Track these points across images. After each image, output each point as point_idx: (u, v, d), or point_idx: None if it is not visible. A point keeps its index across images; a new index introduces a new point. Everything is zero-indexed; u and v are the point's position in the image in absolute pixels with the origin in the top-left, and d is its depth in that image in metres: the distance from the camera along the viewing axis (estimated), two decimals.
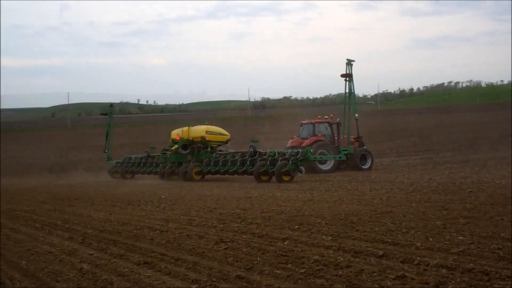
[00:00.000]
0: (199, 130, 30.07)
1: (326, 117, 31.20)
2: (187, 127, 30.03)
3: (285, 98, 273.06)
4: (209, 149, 29.52)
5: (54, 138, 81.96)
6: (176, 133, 30.38)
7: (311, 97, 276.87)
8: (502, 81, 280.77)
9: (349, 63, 27.78)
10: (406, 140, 53.07)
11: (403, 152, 40.60)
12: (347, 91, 28.41)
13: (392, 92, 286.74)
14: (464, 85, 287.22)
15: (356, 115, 29.05)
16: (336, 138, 30.09)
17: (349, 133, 28.54)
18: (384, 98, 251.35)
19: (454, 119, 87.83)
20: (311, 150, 26.32)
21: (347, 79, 28.07)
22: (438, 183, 20.29)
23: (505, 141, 43.48)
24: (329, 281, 7.94)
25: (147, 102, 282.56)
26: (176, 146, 29.91)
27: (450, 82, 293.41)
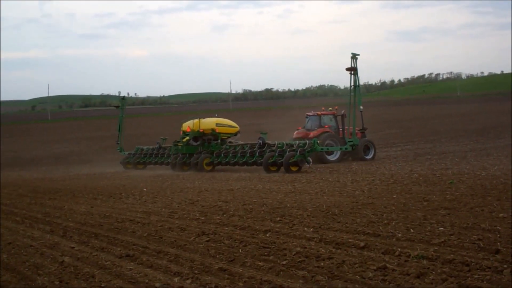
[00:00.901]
0: (209, 122, 30.65)
1: (330, 109, 31.81)
2: (197, 120, 30.55)
3: (266, 90, 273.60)
4: (219, 141, 29.98)
5: (35, 131, 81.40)
6: (187, 125, 30.84)
7: (292, 89, 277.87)
8: (482, 72, 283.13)
9: (354, 56, 28.06)
10: (387, 131, 53.34)
11: (383, 144, 40.77)
12: (352, 84, 28.69)
13: (373, 84, 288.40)
14: (444, 76, 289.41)
15: (361, 107, 29.46)
16: (340, 129, 30.63)
17: (354, 124, 28.86)
18: (365, 89, 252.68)
19: (434, 111, 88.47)
20: (318, 141, 26.72)
21: (352, 72, 28.34)
22: (419, 174, 20.42)
23: (485, 132, 43.87)
24: (311, 272, 7.97)
25: (128, 94, 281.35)
26: (187, 138, 30.38)
27: (430, 74, 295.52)
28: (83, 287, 8.17)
